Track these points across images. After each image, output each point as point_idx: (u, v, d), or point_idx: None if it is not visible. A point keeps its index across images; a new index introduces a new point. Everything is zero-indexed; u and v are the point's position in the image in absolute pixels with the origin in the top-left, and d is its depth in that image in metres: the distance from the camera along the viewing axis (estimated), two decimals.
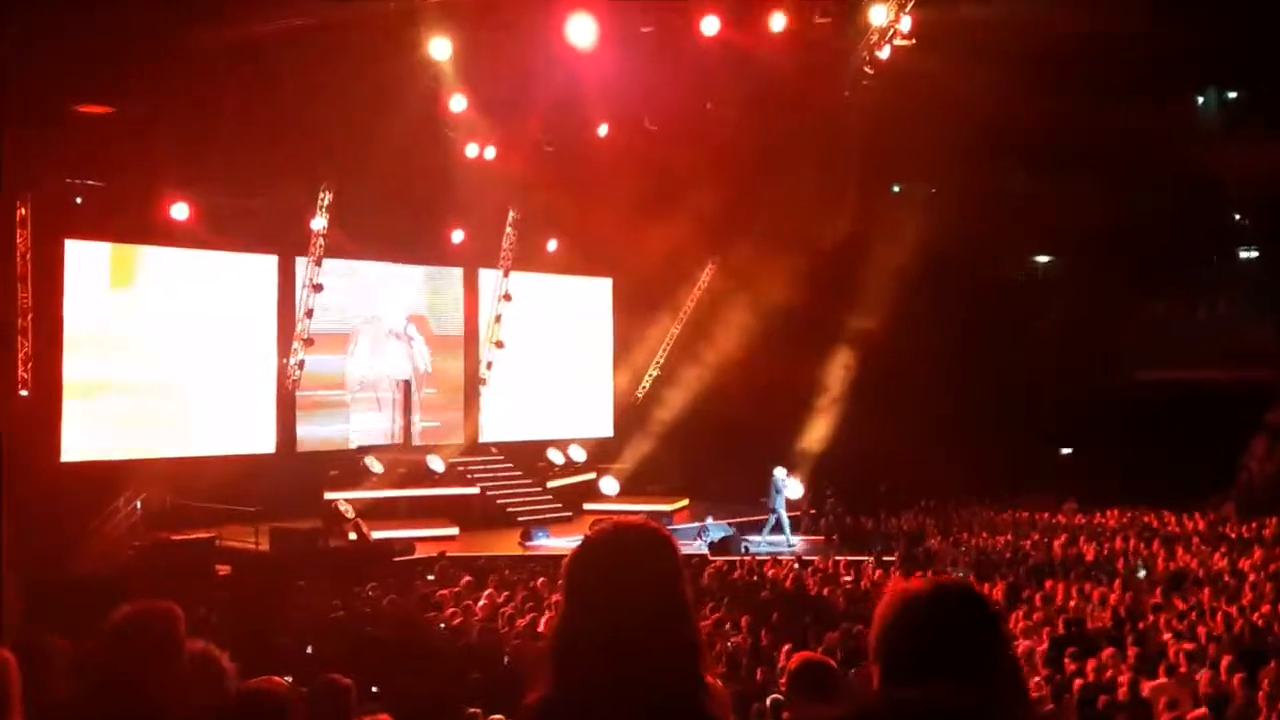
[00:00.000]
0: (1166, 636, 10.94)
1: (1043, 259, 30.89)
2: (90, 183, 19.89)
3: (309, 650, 9.69)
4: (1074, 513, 23.26)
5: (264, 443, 22.54)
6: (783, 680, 5.07)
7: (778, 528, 20.91)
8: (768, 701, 7.46)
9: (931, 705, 1.26)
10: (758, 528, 21.47)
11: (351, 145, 19.68)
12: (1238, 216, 29.15)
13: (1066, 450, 29.30)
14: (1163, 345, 27.10)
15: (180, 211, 20.34)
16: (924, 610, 2.01)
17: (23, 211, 19.00)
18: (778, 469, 21.11)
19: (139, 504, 18.86)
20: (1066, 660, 9.85)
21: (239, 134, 18.24)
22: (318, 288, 21.81)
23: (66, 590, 11.81)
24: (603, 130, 23.07)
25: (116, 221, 20.01)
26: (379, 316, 24.61)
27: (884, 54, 18.18)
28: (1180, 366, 26.41)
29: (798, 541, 21.06)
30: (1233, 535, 20.03)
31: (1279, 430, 25.73)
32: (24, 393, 19.08)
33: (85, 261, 20.60)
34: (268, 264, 22.83)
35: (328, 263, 21.96)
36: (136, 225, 20.32)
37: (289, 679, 4.49)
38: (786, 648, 9.87)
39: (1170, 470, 23.10)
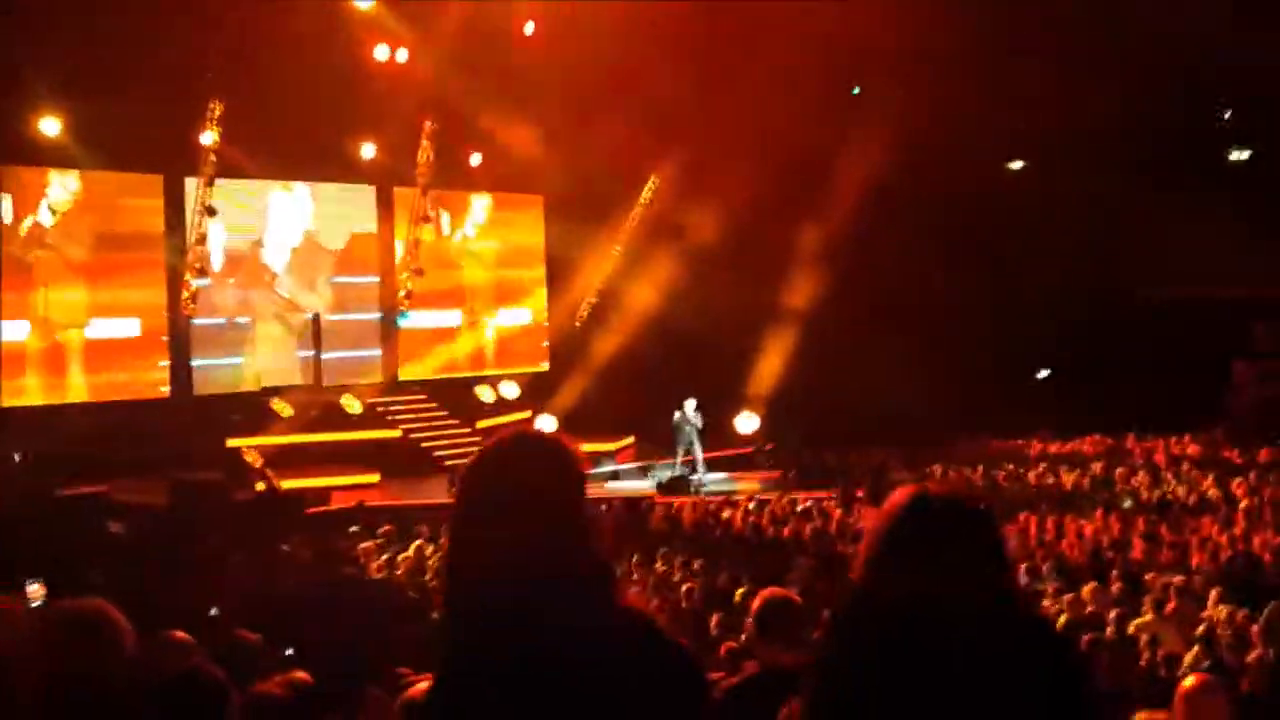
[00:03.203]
0: (1151, 574, 11.17)
1: (1018, 165, 30.96)
2: None
3: (214, 612, 9.64)
4: (1048, 440, 23.64)
5: (157, 385, 22.26)
6: (746, 622, 5.11)
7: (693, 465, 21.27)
8: (722, 650, 7.55)
9: (917, 597, 1.28)
10: (714, 465, 21.77)
11: (245, 49, 19.25)
12: (1228, 114, 29.33)
13: (1043, 373, 29.70)
14: (1149, 259, 27.37)
15: (50, 127, 19.84)
16: (902, 511, 2.05)
17: None
18: (688, 401, 21.27)
19: (18, 456, 18.61)
20: (1047, 596, 10.06)
21: (115, 38, 17.77)
22: (210, 211, 21.43)
23: None
24: (529, 28, 22.81)
25: None
26: (280, 242, 24.26)
27: None
28: (1169, 282, 26.70)
29: (708, 482, 21.24)
30: (1223, 460, 20.44)
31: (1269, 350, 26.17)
32: None
33: None
34: (153, 185, 22.36)
35: (220, 183, 21.57)
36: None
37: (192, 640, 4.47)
38: (742, 590, 9.98)
39: (1157, 394, 23.47)
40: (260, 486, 19.02)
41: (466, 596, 2.17)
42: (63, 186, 21.31)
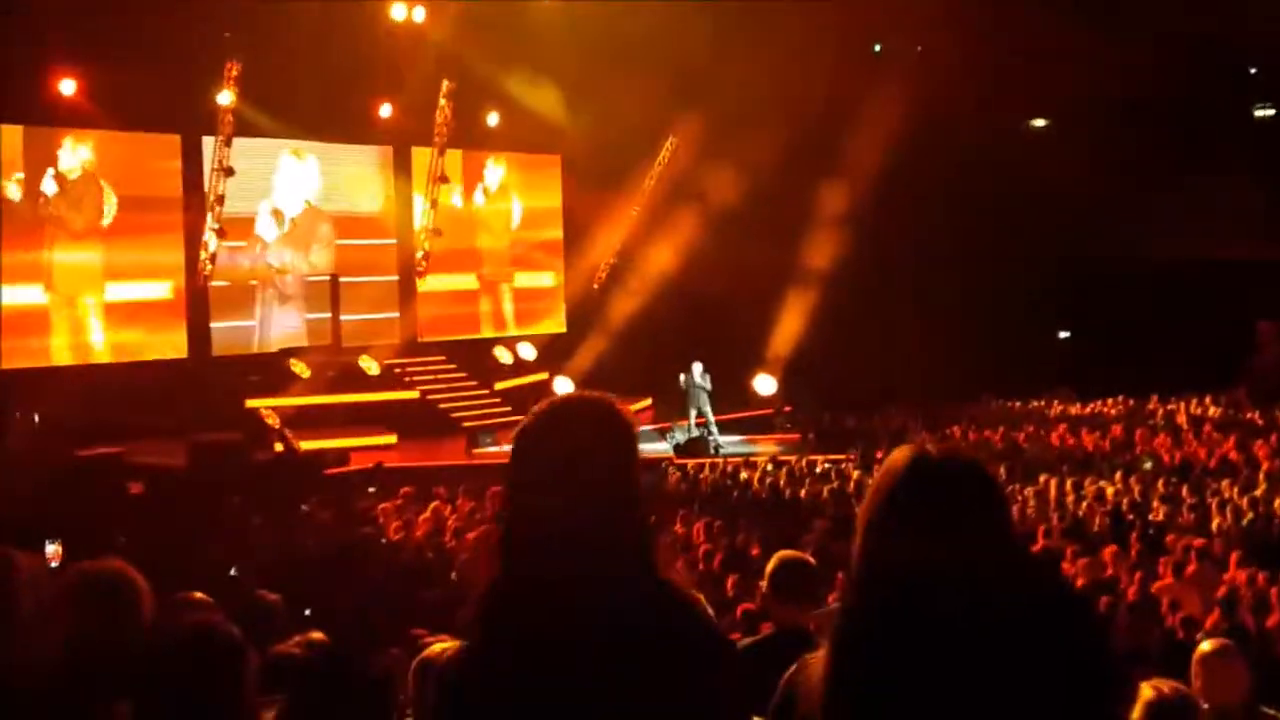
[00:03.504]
0: (1171, 536, 11.15)
1: (1041, 123, 30.77)
2: None
3: (233, 573, 9.73)
4: (1069, 401, 23.58)
5: (175, 347, 22.34)
6: (761, 583, 5.14)
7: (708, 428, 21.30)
8: (739, 612, 7.59)
9: (923, 563, 1.26)
10: (730, 427, 21.78)
11: (262, 8, 19.20)
12: (1253, 70, 29.05)
13: (1064, 334, 29.60)
14: (1173, 219, 27.20)
15: (68, 87, 19.85)
16: (901, 474, 2.00)
17: None
18: (694, 364, 21.22)
19: (36, 417, 18.71)
20: (1066, 559, 10.06)
21: None
22: (229, 171, 21.44)
23: None
24: None
25: None
26: (296, 202, 24.24)
27: None
28: (1193, 242, 26.53)
29: (722, 443, 21.31)
30: (1245, 422, 20.36)
31: None
32: None
33: None
34: (170, 145, 22.36)
35: (238, 142, 21.57)
36: (16, 104, 19.80)
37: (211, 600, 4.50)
38: (755, 553, 10.04)
39: (1181, 355, 23.39)
40: (279, 447, 19.09)
41: (518, 562, 2.15)
42: (73, 154, 21.26)
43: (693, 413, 21.34)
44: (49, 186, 21.03)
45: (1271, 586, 8.65)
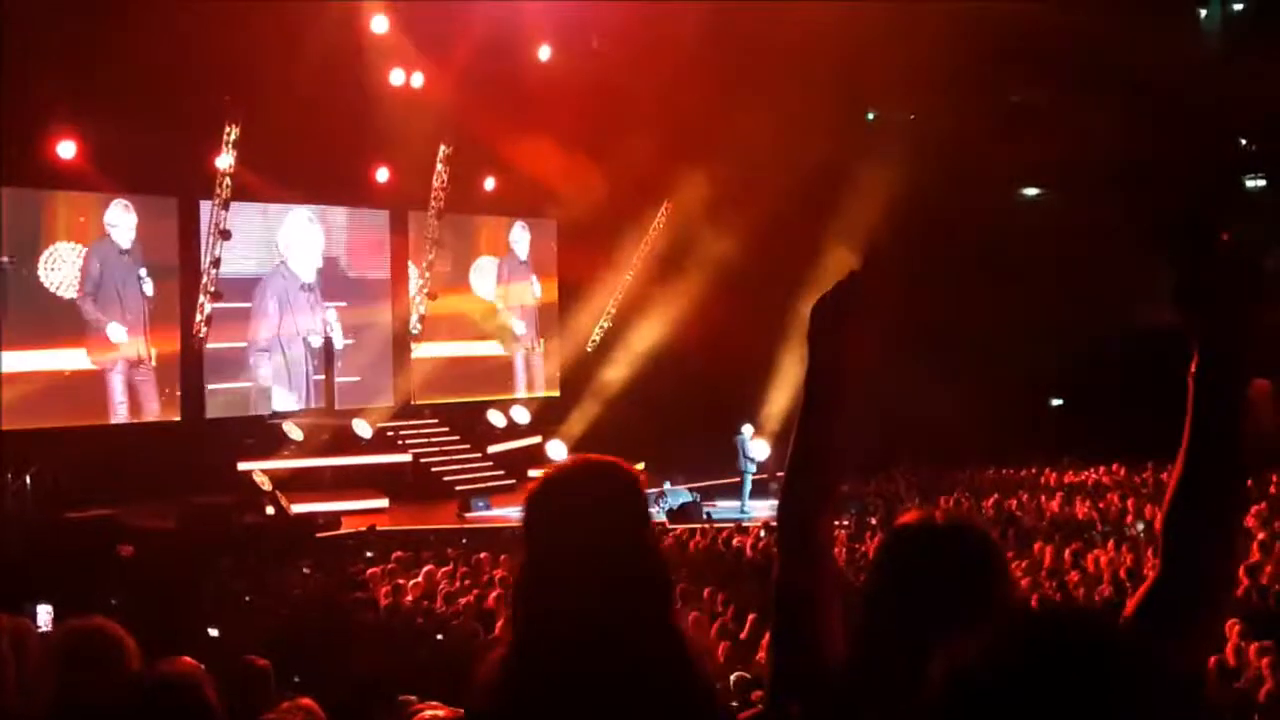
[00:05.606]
0: None
1: (1032, 192, 30.99)
2: None
3: (215, 633, 9.69)
4: (1066, 469, 23.56)
5: (168, 409, 22.30)
6: (758, 656, 5.13)
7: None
8: (732, 679, 7.55)
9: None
10: (724, 492, 21.79)
11: (261, 73, 19.37)
12: (1244, 142, 29.35)
13: (1057, 402, 29.62)
14: (1168, 286, 27.23)
15: (66, 150, 19.96)
16: (911, 549, 2.00)
17: None
18: (745, 427, 21.46)
19: (28, 479, 18.63)
20: None
21: (133, 61, 17.91)
22: (225, 234, 21.51)
23: None
24: (544, 53, 22.95)
25: None
26: (292, 266, 24.29)
27: None
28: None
29: (751, 508, 21.36)
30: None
31: None
32: None
33: None
34: (167, 208, 22.45)
35: (235, 206, 21.65)
36: (15, 167, 19.87)
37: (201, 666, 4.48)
38: (751, 618, 10.01)
39: (1174, 422, 23.35)
40: (270, 510, 19.04)
41: (534, 627, 2.13)
42: (76, 208, 21.38)
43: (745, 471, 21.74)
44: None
45: (1263, 657, 8.58)
